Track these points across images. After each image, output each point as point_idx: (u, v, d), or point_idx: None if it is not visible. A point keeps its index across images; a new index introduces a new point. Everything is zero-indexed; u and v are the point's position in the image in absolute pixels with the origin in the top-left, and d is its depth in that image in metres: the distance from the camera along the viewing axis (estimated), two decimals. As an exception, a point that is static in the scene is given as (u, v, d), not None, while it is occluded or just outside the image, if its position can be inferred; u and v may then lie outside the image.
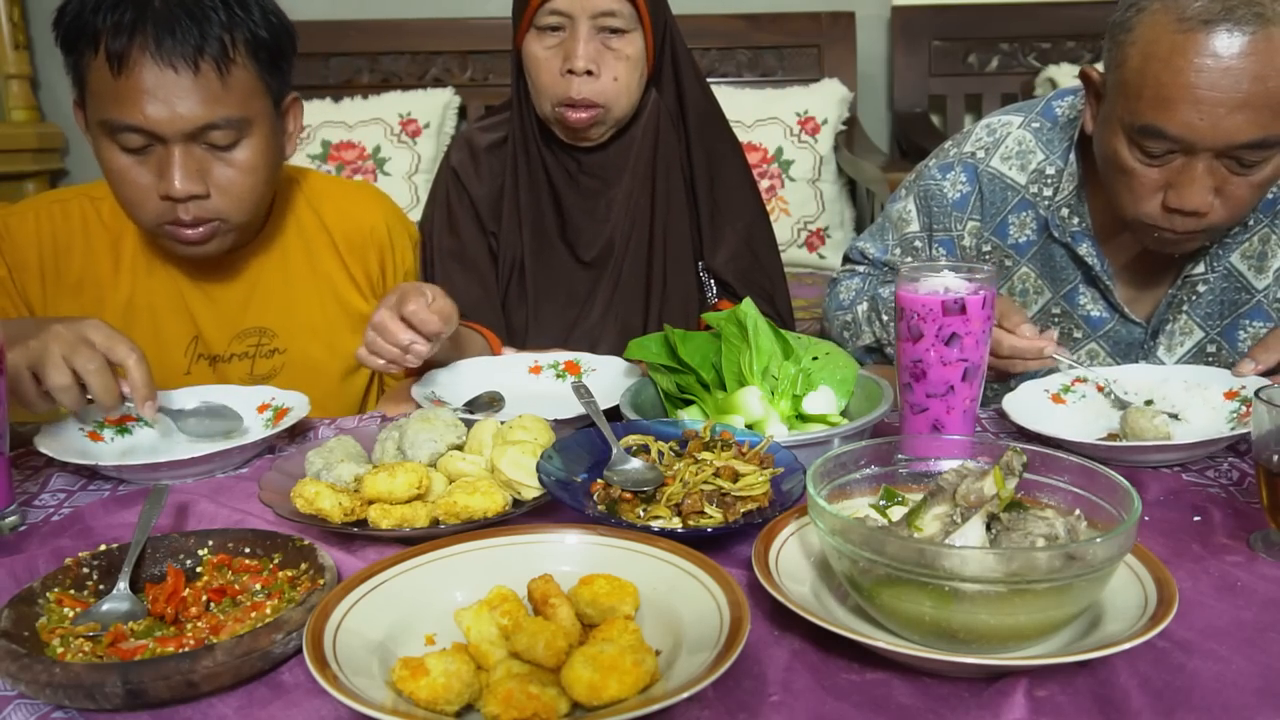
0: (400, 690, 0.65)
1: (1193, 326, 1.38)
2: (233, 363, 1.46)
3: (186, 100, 1.23)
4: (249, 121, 1.29)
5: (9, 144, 2.97)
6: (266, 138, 1.32)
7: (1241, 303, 1.36)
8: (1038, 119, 1.44)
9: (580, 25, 1.42)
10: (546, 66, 1.44)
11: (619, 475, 0.95)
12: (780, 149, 2.84)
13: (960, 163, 1.46)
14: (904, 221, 1.52)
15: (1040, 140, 1.42)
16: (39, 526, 1.00)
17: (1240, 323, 1.37)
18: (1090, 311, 1.41)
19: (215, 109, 1.24)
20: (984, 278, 1.02)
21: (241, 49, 1.27)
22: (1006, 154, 1.43)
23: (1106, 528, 0.76)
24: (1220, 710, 0.67)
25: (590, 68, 1.42)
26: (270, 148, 1.34)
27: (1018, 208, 1.42)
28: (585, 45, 1.42)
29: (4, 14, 3.01)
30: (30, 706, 0.71)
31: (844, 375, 1.17)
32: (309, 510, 0.91)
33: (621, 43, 1.45)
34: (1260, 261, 1.35)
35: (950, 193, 1.46)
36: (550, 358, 1.44)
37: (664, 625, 0.74)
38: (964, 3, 3.07)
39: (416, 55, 3.09)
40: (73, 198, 1.44)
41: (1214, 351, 1.39)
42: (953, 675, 0.71)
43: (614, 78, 1.44)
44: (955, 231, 1.46)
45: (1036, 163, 1.41)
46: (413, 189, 2.87)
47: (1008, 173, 1.42)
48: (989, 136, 1.46)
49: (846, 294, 1.56)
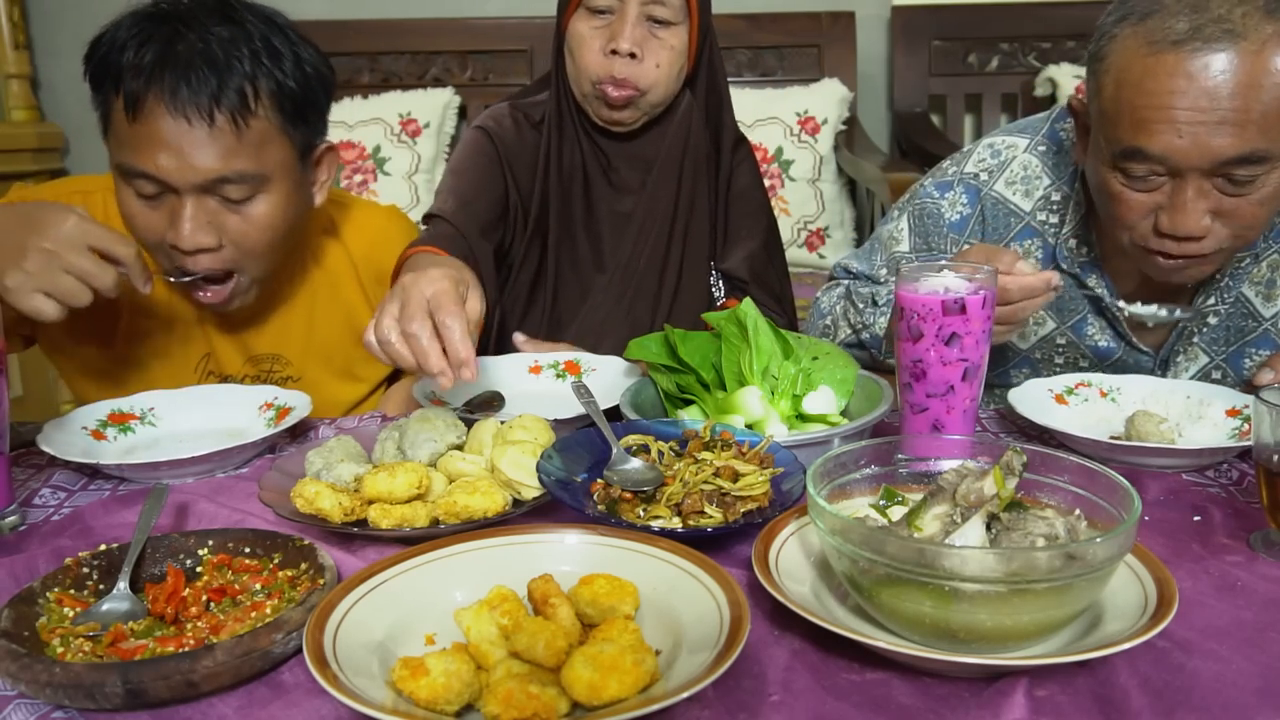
0: (400, 690, 0.65)
1: (1198, 353, 1.36)
2: (245, 384, 1.43)
3: (200, 152, 1.19)
4: (266, 177, 1.24)
5: (9, 144, 2.97)
6: (287, 192, 1.28)
7: (1248, 330, 1.34)
8: (1043, 142, 1.39)
9: (630, 9, 1.44)
10: (590, 45, 1.46)
11: (619, 475, 0.95)
12: (780, 149, 2.84)
13: (961, 183, 1.41)
14: (894, 240, 1.47)
15: (1046, 165, 1.37)
16: (39, 526, 1.00)
17: (1246, 350, 1.35)
18: (1099, 342, 1.38)
19: (230, 162, 1.20)
20: (984, 278, 1.02)
21: (265, 100, 1.22)
22: (1011, 178, 1.38)
23: (1106, 528, 0.76)
24: (1220, 710, 0.67)
25: (635, 50, 1.44)
26: (290, 201, 1.29)
27: (1021, 234, 1.38)
28: (632, 28, 1.44)
29: (4, 14, 3.01)
30: (30, 706, 0.71)
31: (844, 375, 1.17)
32: (309, 510, 0.91)
33: (667, 33, 1.47)
34: (1269, 289, 1.32)
35: (949, 213, 1.41)
36: (550, 358, 1.44)
37: (664, 625, 0.74)
38: (964, 3, 3.07)
39: (416, 55, 3.09)
40: (96, 190, 1.40)
41: (1218, 378, 1.37)
42: (953, 675, 0.71)
43: (656, 64, 1.46)
44: (949, 252, 1.41)
45: (1043, 189, 1.37)
46: (413, 189, 2.87)
47: (1012, 198, 1.38)
48: (993, 158, 1.40)
49: (828, 304, 1.53)
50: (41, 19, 3.12)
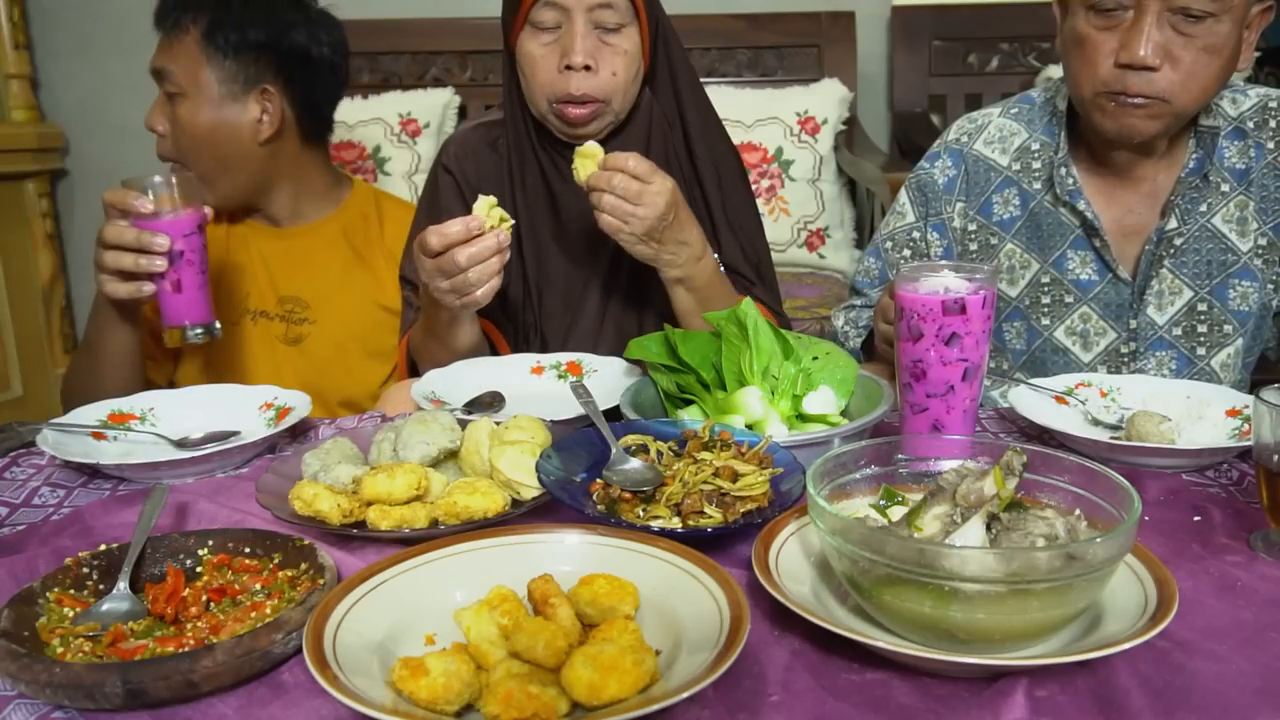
0: (400, 690, 0.65)
1: (1181, 286, 1.44)
2: (274, 322, 1.73)
3: None
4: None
5: (9, 144, 2.97)
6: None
7: (1230, 263, 1.43)
8: (1015, 105, 1.53)
9: (577, 20, 1.41)
10: (543, 64, 1.43)
11: (618, 475, 0.95)
12: (780, 149, 2.84)
13: (945, 149, 1.54)
14: (900, 216, 1.58)
15: (1021, 121, 1.51)
16: (39, 526, 1.00)
17: (1230, 282, 1.44)
18: (1079, 275, 1.46)
19: None
20: (984, 278, 1.02)
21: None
22: (989, 139, 1.51)
23: (1106, 528, 0.76)
24: (1220, 710, 0.67)
25: (589, 63, 1.41)
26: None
27: (1000, 186, 1.50)
28: (583, 40, 1.41)
29: (4, 14, 3.01)
30: (30, 706, 0.71)
31: (844, 375, 1.17)
32: (307, 512, 0.91)
33: (618, 38, 1.44)
34: (1241, 226, 1.42)
35: (939, 178, 1.53)
36: (552, 358, 1.44)
37: (664, 625, 0.74)
38: (964, 3, 3.06)
39: (416, 55, 3.08)
40: None
41: (1205, 310, 1.44)
42: (953, 675, 0.71)
43: (612, 73, 1.44)
44: (945, 214, 1.53)
45: (1020, 142, 1.49)
46: (413, 189, 2.87)
47: (990, 155, 1.51)
48: (970, 124, 1.55)
49: (844, 327, 1.62)
50: (41, 19, 3.11)
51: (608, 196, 1.32)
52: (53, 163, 3.15)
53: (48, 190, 3.16)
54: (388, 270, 1.75)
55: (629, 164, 1.32)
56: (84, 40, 3.12)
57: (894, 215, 1.59)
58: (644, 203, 1.32)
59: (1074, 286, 1.47)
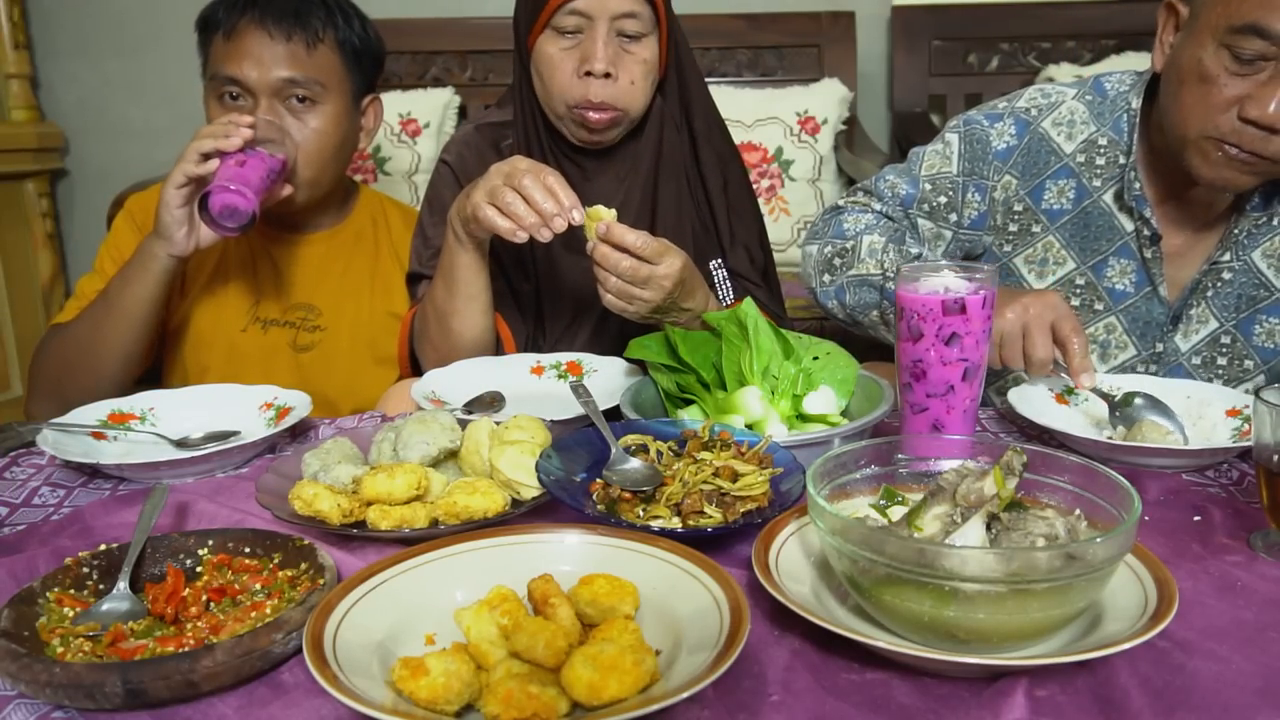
0: (400, 690, 0.65)
1: (1209, 315, 1.40)
2: (284, 329, 1.68)
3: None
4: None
5: (9, 144, 2.97)
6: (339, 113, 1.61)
7: (1260, 299, 1.39)
8: (1090, 93, 1.44)
9: (599, 27, 1.40)
10: (561, 68, 1.42)
11: (618, 475, 0.95)
12: (780, 149, 2.84)
13: (1013, 115, 1.46)
14: (943, 159, 1.48)
15: (1093, 113, 1.42)
16: (39, 526, 1.00)
17: (1258, 318, 1.39)
18: (1116, 284, 1.42)
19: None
20: (984, 278, 1.02)
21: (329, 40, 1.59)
22: (1059, 120, 1.43)
23: (1106, 528, 0.76)
24: (1220, 710, 0.67)
25: (609, 70, 1.40)
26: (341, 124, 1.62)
27: (1058, 174, 1.42)
28: (604, 47, 1.40)
29: (4, 14, 3.01)
30: (30, 706, 0.71)
31: (844, 375, 1.17)
32: (308, 512, 0.91)
33: (638, 47, 1.43)
34: (1279, 264, 1.37)
35: (996, 141, 1.45)
36: (552, 358, 1.44)
37: (664, 625, 0.74)
38: (964, 3, 3.06)
39: (416, 55, 3.09)
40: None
41: (1228, 343, 1.40)
42: (953, 675, 0.71)
43: (631, 81, 1.43)
44: (991, 180, 1.45)
45: (1088, 134, 1.41)
46: (413, 189, 2.87)
47: (1056, 138, 1.43)
48: (1043, 99, 1.46)
49: (853, 224, 1.47)
50: (41, 19, 3.11)
51: (613, 279, 1.26)
52: (52, 163, 3.15)
53: (48, 190, 3.16)
54: (396, 276, 1.73)
55: (637, 244, 1.24)
56: (84, 40, 3.12)
57: (938, 155, 1.49)
58: (650, 287, 1.27)
59: (1107, 294, 1.42)
